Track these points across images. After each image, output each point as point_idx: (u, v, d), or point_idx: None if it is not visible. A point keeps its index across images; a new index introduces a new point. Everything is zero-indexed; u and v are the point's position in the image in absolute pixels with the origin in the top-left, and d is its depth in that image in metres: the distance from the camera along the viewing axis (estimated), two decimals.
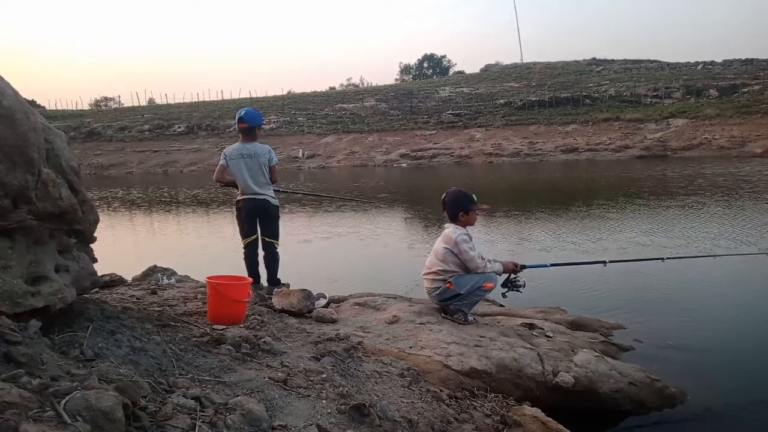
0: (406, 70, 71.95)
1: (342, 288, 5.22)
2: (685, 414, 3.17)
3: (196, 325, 2.87)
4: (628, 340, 4.13)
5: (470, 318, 3.86)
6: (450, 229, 3.85)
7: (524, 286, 3.97)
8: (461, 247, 3.71)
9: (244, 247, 4.59)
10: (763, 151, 23.74)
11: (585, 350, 3.51)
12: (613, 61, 50.33)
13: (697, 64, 45.86)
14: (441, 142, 33.72)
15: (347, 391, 2.28)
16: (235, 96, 57.73)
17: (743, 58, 44.97)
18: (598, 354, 3.49)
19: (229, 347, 2.55)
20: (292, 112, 45.81)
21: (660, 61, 48.44)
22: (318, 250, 8.25)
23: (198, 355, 2.35)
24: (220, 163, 4.53)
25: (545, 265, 4.44)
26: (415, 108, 42.19)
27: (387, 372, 2.79)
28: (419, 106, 42.76)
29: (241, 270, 4.49)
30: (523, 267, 4.01)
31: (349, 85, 69.28)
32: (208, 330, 2.80)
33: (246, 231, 4.56)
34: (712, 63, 45.52)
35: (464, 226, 3.87)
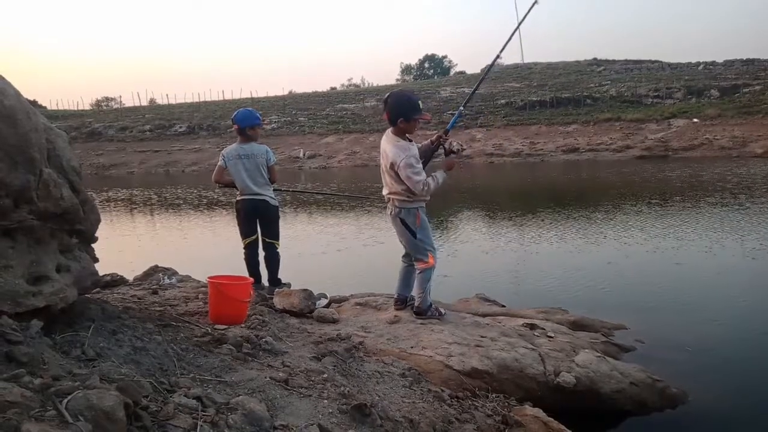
0: (407, 70, 72.00)
1: (343, 288, 5.21)
2: (686, 414, 3.17)
3: (197, 325, 2.86)
4: (630, 340, 4.12)
5: (442, 311, 3.92)
6: (391, 148, 3.62)
7: (459, 149, 3.86)
8: (405, 172, 3.55)
9: (244, 248, 4.60)
10: (764, 151, 23.69)
11: (586, 350, 3.51)
12: (614, 61, 50.26)
13: (698, 64, 45.79)
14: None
15: (348, 391, 2.28)
16: (237, 96, 57.80)
17: (744, 58, 44.86)
18: (599, 354, 3.48)
19: (231, 347, 2.55)
20: (293, 112, 45.82)
21: (661, 62, 48.36)
22: (320, 250, 8.25)
23: (199, 355, 2.35)
24: (219, 163, 4.55)
25: (460, 110, 4.20)
26: None
27: (388, 372, 2.79)
28: (426, 113, 42.58)
29: (242, 270, 4.50)
30: (447, 131, 3.91)
31: (350, 85, 69.36)
32: (209, 330, 2.79)
33: (246, 231, 4.57)
34: (714, 63, 45.44)
35: (402, 133, 3.69)
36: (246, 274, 4.46)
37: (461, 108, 4.13)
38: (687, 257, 6.90)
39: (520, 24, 4.10)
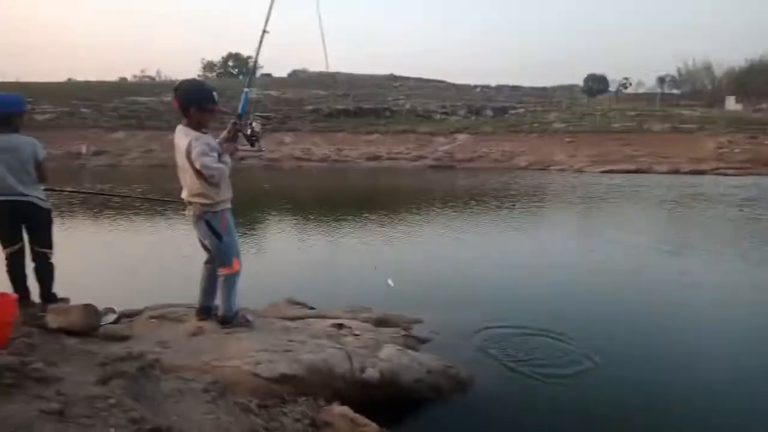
0: (209, 66, 68.33)
1: (136, 300, 4.67)
2: (474, 396, 3.55)
3: None
4: (426, 332, 4.49)
5: (250, 318, 3.78)
6: (183, 140, 3.36)
7: (261, 129, 3.83)
8: (200, 160, 3.28)
9: (6, 258, 3.84)
10: (527, 164, 28.32)
11: (389, 345, 3.71)
12: (408, 78, 54.83)
13: (476, 86, 52.66)
14: (248, 144, 32.70)
15: (141, 416, 2.03)
16: None
17: (511, 85, 53.17)
18: (400, 348, 3.72)
19: None
20: (73, 102, 40.06)
21: (446, 82, 54.35)
22: (106, 259, 7.32)
23: None
24: None
25: (246, 91, 4.05)
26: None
27: (190, 389, 2.58)
28: (225, 105, 40.98)
29: (5, 285, 3.75)
30: (240, 116, 3.79)
31: (143, 76, 63.18)
32: None
33: (7, 239, 3.83)
34: (488, 86, 52.81)
35: (196, 125, 3.42)
36: (10, 289, 3.73)
37: (246, 89, 4.01)
38: (479, 254, 7.84)
39: (265, 27, 4.03)
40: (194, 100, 3.42)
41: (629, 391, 3.67)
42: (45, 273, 4.00)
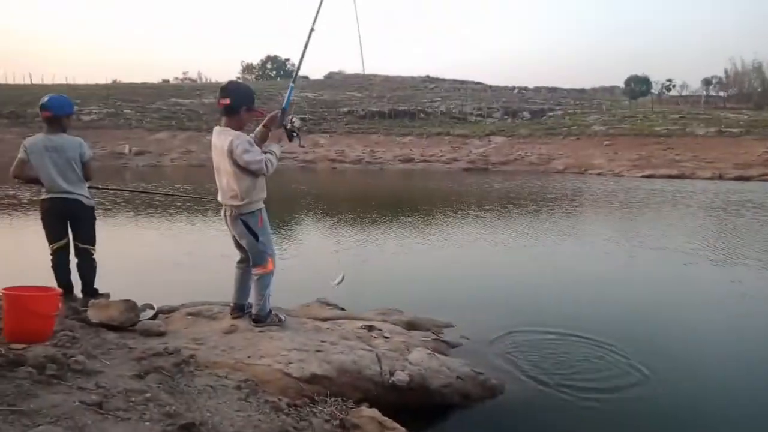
0: (248, 69, 69.68)
1: (174, 297, 4.80)
2: (503, 404, 3.48)
3: None
4: (457, 336, 4.45)
5: (282, 317, 3.81)
6: (225, 138, 3.43)
7: (300, 125, 3.91)
8: (244, 158, 3.37)
9: (51, 254, 4.01)
10: (564, 167, 27.73)
11: (419, 348, 3.70)
12: (444, 80, 54.58)
13: (513, 88, 51.97)
14: (285, 145, 33.00)
15: (175, 410, 2.09)
16: (48, 81, 50.50)
17: (549, 86, 52.23)
18: (430, 352, 3.70)
19: (30, 369, 2.21)
20: (117, 103, 41.48)
21: (483, 83, 53.84)
22: (147, 256, 7.55)
23: None
24: (20, 156, 3.92)
25: (291, 86, 4.07)
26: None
27: (222, 385, 2.64)
28: (262, 107, 41.64)
29: (50, 280, 3.91)
30: (284, 110, 3.83)
31: (185, 79, 64.92)
32: (2, 350, 2.37)
33: (54, 235, 4.00)
34: (526, 88, 52.01)
35: (237, 125, 3.52)
36: (55, 284, 3.89)
37: (292, 84, 4.07)
38: (515, 258, 7.74)
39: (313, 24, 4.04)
40: (245, 102, 3.55)
41: (675, 413, 3.43)
42: (87, 269, 4.15)
